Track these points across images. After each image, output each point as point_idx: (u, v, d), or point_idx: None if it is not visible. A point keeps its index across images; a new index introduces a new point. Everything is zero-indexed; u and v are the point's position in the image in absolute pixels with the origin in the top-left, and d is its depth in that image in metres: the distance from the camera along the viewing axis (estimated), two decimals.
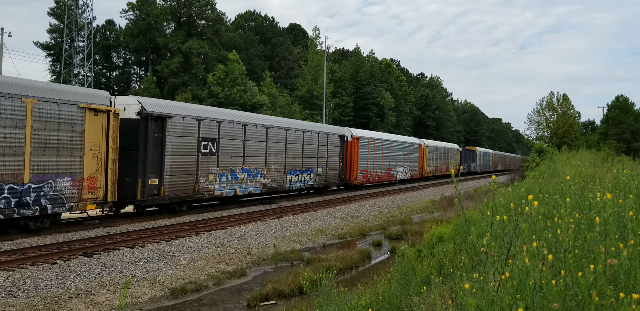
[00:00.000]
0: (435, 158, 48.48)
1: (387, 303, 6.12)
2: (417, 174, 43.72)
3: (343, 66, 64.27)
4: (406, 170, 40.60)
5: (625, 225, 3.71)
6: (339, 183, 29.19)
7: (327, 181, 27.55)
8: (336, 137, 28.59)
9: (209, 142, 18.01)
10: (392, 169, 37.45)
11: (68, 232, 13.47)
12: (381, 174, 35.28)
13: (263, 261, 12.45)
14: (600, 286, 2.62)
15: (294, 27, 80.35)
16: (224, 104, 42.10)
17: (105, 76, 61.17)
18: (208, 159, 17.97)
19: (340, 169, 28.86)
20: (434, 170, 48.27)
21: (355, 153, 30.57)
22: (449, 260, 7.83)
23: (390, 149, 36.70)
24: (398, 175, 38.72)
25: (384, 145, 35.53)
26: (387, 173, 36.49)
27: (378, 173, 34.55)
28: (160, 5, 57.31)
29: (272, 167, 22.04)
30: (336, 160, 28.37)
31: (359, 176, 31.12)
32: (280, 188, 22.74)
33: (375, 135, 35.47)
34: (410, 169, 41.65)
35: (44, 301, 8.28)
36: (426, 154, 45.50)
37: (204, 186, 17.83)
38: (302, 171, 24.73)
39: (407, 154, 40.70)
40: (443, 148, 52.31)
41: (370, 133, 35.24)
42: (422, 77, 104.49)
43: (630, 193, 5.04)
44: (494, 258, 3.24)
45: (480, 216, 8.48)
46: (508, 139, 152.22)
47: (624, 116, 52.49)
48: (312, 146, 25.72)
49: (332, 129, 29.10)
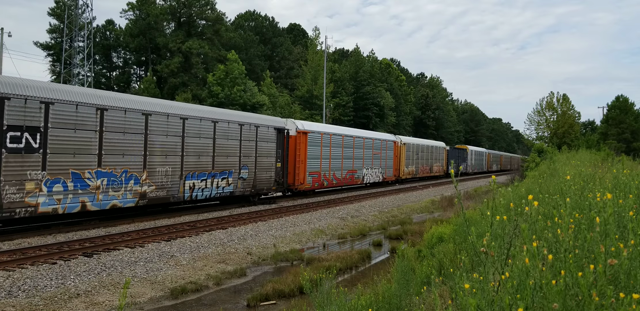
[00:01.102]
0: (415, 157, 42.81)
1: (387, 303, 6.11)
2: (392, 177, 37.94)
3: (343, 65, 64.29)
4: (377, 172, 34.65)
5: (625, 225, 3.71)
6: (278, 188, 22.94)
7: (257, 186, 21.11)
8: (271, 131, 22.04)
9: (26, 132, 12.27)
10: (358, 170, 31.40)
11: (68, 232, 13.47)
12: (341, 177, 29.25)
13: (263, 261, 12.45)
14: (600, 286, 2.62)
15: (294, 27, 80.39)
16: (224, 104, 42.12)
17: (105, 76, 61.18)
18: (22, 158, 12.21)
19: (279, 171, 22.61)
20: (414, 171, 42.63)
21: (302, 151, 24.59)
22: (449, 260, 7.83)
23: (354, 147, 30.78)
24: (365, 178, 32.76)
25: (344, 142, 29.51)
26: (350, 176, 30.44)
27: (336, 175, 28.52)
28: (160, 5, 57.32)
29: (158, 169, 16.07)
30: (271, 160, 22.04)
31: (308, 180, 25.23)
32: (173, 197, 16.70)
33: (332, 129, 29.06)
34: (383, 171, 35.71)
35: (44, 301, 8.28)
36: (403, 153, 39.65)
37: (13, 199, 11.96)
38: (214, 175, 18.55)
39: (378, 153, 34.74)
40: (426, 146, 46.35)
41: (325, 127, 28.79)
42: (422, 77, 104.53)
43: (630, 193, 5.04)
44: (494, 258, 3.24)
45: (480, 216, 8.48)
46: (508, 139, 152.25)
47: (624, 116, 52.49)
48: (232, 141, 19.55)
49: (265, 119, 22.52)
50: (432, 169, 47.62)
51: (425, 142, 48.05)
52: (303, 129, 24.99)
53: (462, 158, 57.62)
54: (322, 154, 26.73)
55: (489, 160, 73.63)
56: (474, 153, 63.36)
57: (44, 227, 13.75)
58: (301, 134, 24.72)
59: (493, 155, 78.57)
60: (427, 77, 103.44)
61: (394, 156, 38.16)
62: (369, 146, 33.26)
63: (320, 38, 62.64)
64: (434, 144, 49.78)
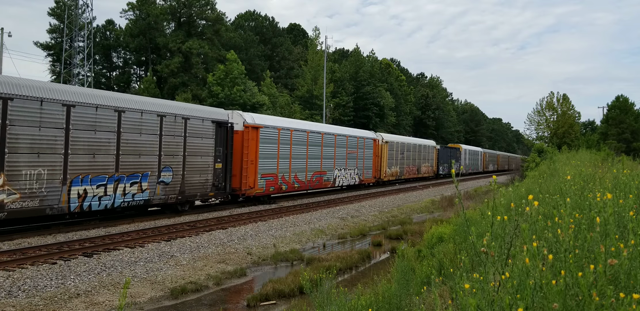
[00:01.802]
0: (400, 157, 38.68)
1: (387, 303, 6.11)
2: (371, 178, 33.87)
3: (343, 65, 64.31)
4: (352, 173, 30.45)
5: (625, 225, 3.71)
6: (217, 194, 18.94)
7: (187, 192, 17.20)
8: (207, 125, 18.15)
9: None
10: (328, 172, 27.26)
11: (68, 232, 13.47)
12: (306, 180, 25.03)
13: (263, 261, 12.45)
14: (600, 286, 2.62)
15: (294, 27, 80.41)
16: (224, 104, 42.14)
17: (105, 76, 61.20)
18: None
19: (219, 173, 18.71)
20: (399, 172, 38.57)
21: (253, 149, 20.49)
22: (449, 260, 7.83)
23: (323, 145, 26.61)
24: (338, 180, 28.64)
25: (311, 139, 25.42)
26: (317, 178, 26.24)
27: (299, 177, 24.37)
28: (160, 5, 57.34)
29: (25, 172, 12.23)
30: (207, 160, 18.18)
31: (260, 184, 21.14)
32: (52, 209, 12.85)
33: (293, 124, 24.81)
34: (359, 172, 31.57)
35: (44, 301, 8.28)
36: (385, 153, 35.63)
37: None
38: (119, 179, 14.74)
39: (354, 151, 30.62)
40: (413, 145, 42.17)
41: (284, 121, 24.54)
42: (422, 77, 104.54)
43: (631, 193, 5.04)
44: (494, 258, 3.24)
45: (480, 216, 8.48)
46: (508, 139, 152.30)
47: (624, 116, 52.51)
48: (147, 136, 15.61)
49: (198, 110, 18.35)
50: (420, 170, 44.03)
51: (412, 140, 44.04)
52: (253, 123, 20.62)
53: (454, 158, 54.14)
54: (281, 153, 22.56)
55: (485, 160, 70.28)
56: (468, 153, 60.06)
57: (44, 227, 13.75)
58: (251, 129, 20.41)
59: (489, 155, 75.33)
60: (427, 77, 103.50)
61: (374, 156, 34.03)
62: (342, 144, 29.16)
63: (320, 38, 62.71)
64: (421, 143, 45.68)
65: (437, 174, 49.22)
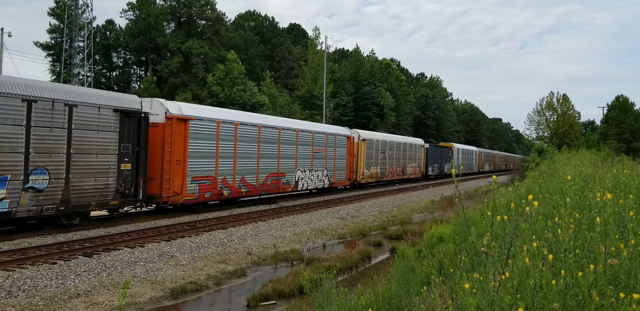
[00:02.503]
0: (381, 156, 34.98)
1: (387, 303, 6.11)
2: (345, 180, 29.95)
3: (343, 65, 64.32)
4: (320, 175, 26.53)
5: (625, 225, 3.71)
6: (124, 202, 15.03)
7: (74, 201, 13.34)
8: (108, 114, 14.40)
9: None
10: (288, 174, 23.40)
11: (68, 232, 13.47)
12: (258, 183, 21.06)
13: (263, 261, 12.45)
14: (600, 286, 2.62)
15: (294, 27, 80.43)
16: (224, 104, 42.14)
17: (105, 76, 61.21)
18: None
19: (125, 176, 14.89)
20: (379, 173, 34.73)
21: (179, 146, 16.73)
22: (449, 260, 7.83)
23: (280, 142, 22.75)
24: (301, 183, 24.67)
25: (264, 135, 21.48)
26: (273, 181, 22.30)
27: (248, 180, 20.44)
28: (160, 5, 57.35)
29: None
30: (107, 159, 14.35)
31: (192, 189, 17.25)
32: None
33: (237, 117, 20.40)
34: (330, 173, 27.65)
35: (44, 301, 8.28)
36: (363, 151, 31.80)
37: None
38: None
39: (322, 150, 26.77)
40: (396, 143, 38.32)
41: (223, 113, 20.16)
42: (422, 77, 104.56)
43: (631, 193, 5.04)
44: (494, 258, 3.24)
45: (480, 216, 8.48)
46: (508, 139, 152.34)
47: (624, 116, 52.54)
48: (7, 127, 11.82)
49: (93, 95, 14.19)
50: (406, 171, 40.32)
51: (395, 138, 39.93)
52: (179, 114, 16.75)
53: (446, 158, 50.81)
54: (221, 151, 18.76)
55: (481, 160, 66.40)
56: (461, 152, 56.48)
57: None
58: (176, 121, 16.56)
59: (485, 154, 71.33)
60: (427, 77, 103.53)
61: (349, 155, 30.16)
62: (307, 142, 25.29)
63: (320, 38, 62.66)
64: (407, 141, 41.88)
65: (426, 175, 45.99)
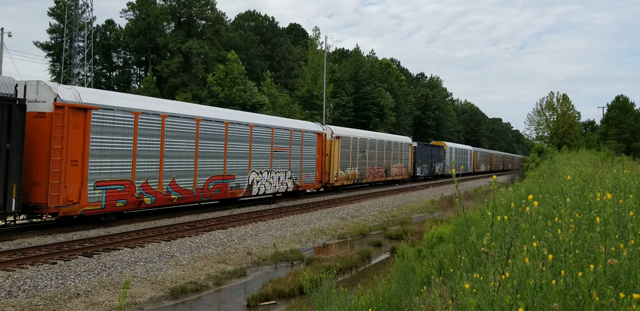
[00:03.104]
0: (360, 156, 31.41)
1: (387, 303, 6.12)
2: (315, 183, 26.17)
3: (343, 65, 64.33)
4: (282, 177, 22.98)
5: (625, 225, 3.71)
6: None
7: None
8: None
9: None
10: (238, 176, 19.73)
11: (68, 232, 13.47)
12: (195, 188, 17.53)
13: (263, 261, 12.45)
14: (600, 286, 2.62)
15: (293, 27, 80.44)
16: (224, 104, 42.14)
17: (105, 76, 61.22)
18: None
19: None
20: (357, 175, 31.09)
21: (77, 143, 13.43)
22: (449, 260, 7.83)
23: (228, 140, 19.14)
24: (256, 187, 20.88)
25: (202, 130, 17.86)
26: (217, 185, 18.61)
27: (181, 184, 16.94)
28: (160, 5, 57.35)
29: None
30: None
31: (95, 196, 13.82)
32: None
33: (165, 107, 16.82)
34: (295, 175, 24.11)
35: (44, 301, 8.28)
36: (337, 150, 28.13)
37: None
38: None
39: (284, 148, 23.15)
40: (378, 142, 34.71)
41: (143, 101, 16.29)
42: (422, 77, 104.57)
43: (631, 193, 5.04)
44: (494, 258, 3.24)
45: (480, 216, 8.48)
46: (508, 139, 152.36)
47: (624, 116, 52.53)
48: None
49: None
50: (390, 172, 36.80)
51: (377, 135, 36.25)
52: (77, 102, 13.38)
53: (436, 158, 47.78)
54: (140, 148, 15.36)
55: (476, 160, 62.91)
56: (454, 151, 53.71)
57: (44, 227, 13.74)
58: (70, 110, 13.15)
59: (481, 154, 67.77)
60: (427, 77, 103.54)
61: (320, 154, 26.49)
62: (264, 139, 21.63)
63: (320, 38, 62.68)
64: (392, 139, 38.04)
65: (414, 176, 42.73)
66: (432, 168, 46.59)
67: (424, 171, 44.71)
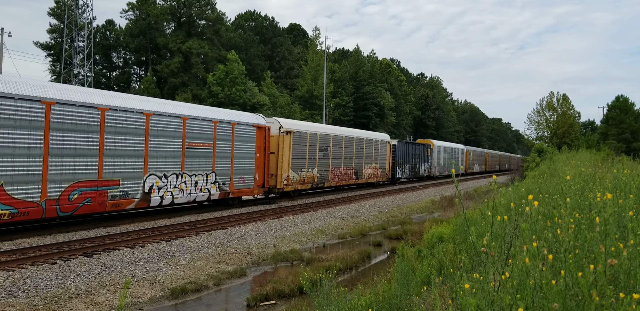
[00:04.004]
0: (321, 155, 26.60)
1: (387, 303, 6.12)
2: (254, 189, 20.90)
3: (343, 65, 64.35)
4: (200, 182, 17.87)
5: (625, 225, 3.71)
6: None
7: None
8: None
9: None
10: (124, 181, 14.98)
11: (68, 232, 13.47)
12: (46, 199, 12.57)
13: (263, 261, 12.45)
14: (600, 286, 2.62)
15: (294, 27, 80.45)
16: (224, 104, 42.15)
17: (105, 76, 61.23)
18: None
19: None
20: (318, 177, 26.18)
21: None
22: (449, 260, 7.83)
23: (104, 132, 14.35)
24: (157, 195, 16.15)
25: (58, 118, 13.03)
26: (86, 194, 13.72)
27: (18, 195, 11.95)
28: (160, 5, 57.38)
29: None
30: None
31: None
32: None
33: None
34: (222, 180, 18.97)
35: (44, 301, 8.28)
36: (288, 148, 23.33)
37: None
38: None
39: (204, 145, 18.06)
40: (346, 138, 29.55)
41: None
42: (422, 77, 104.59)
43: (631, 193, 5.04)
44: (494, 258, 3.24)
45: (480, 216, 8.49)
46: (508, 139, 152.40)
47: (624, 116, 52.55)
48: None
49: None
50: (362, 174, 31.86)
51: (344, 131, 30.66)
52: None
53: (422, 157, 42.98)
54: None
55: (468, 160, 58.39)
56: (442, 150, 49.44)
57: (44, 227, 13.75)
58: None
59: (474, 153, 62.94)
60: (427, 77, 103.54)
61: (260, 153, 21.26)
62: (171, 133, 16.68)
63: (320, 38, 62.71)
64: (363, 136, 32.53)
65: (394, 178, 37.92)
66: (416, 169, 41.93)
67: (406, 172, 39.80)
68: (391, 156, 37.04)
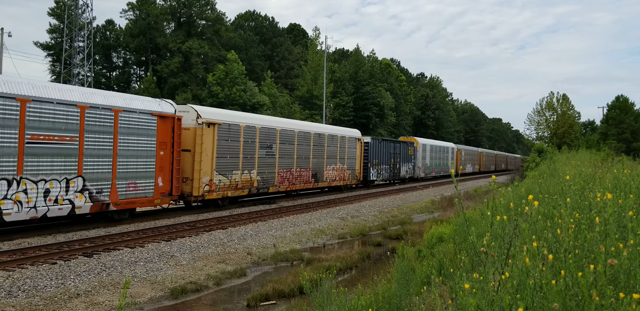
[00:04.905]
0: (264, 153, 21.44)
1: (387, 303, 6.12)
2: (154, 197, 15.78)
3: (343, 66, 64.35)
4: (56, 190, 12.72)
5: (625, 225, 3.71)
6: None
7: None
8: None
9: None
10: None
11: (68, 232, 13.47)
12: None
13: (263, 261, 12.45)
14: (600, 286, 2.62)
15: (293, 27, 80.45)
16: (224, 104, 42.15)
17: (105, 76, 61.23)
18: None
19: None
20: (258, 181, 20.99)
21: None
22: (449, 260, 7.84)
23: None
24: None
25: None
26: None
27: None
28: (160, 5, 57.38)
29: None
30: None
31: None
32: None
33: None
34: (99, 187, 13.93)
35: (44, 301, 8.28)
36: (209, 144, 18.05)
37: None
38: None
39: (64, 140, 12.92)
40: (300, 133, 24.25)
41: None
42: (422, 77, 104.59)
43: (631, 192, 5.04)
44: (494, 258, 3.24)
45: (480, 216, 8.49)
46: (508, 139, 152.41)
47: (624, 116, 52.59)
48: None
49: None
50: (323, 177, 26.76)
51: (295, 124, 25.34)
52: None
53: (403, 157, 37.93)
54: None
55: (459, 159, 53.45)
56: (428, 149, 44.16)
57: (44, 227, 13.75)
58: None
59: (467, 152, 57.62)
60: (427, 77, 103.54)
61: (165, 151, 16.30)
62: (1, 121, 11.59)
63: (320, 38, 62.73)
64: (324, 131, 27.20)
65: (366, 181, 32.81)
66: (396, 170, 36.59)
67: (382, 173, 34.57)
68: (362, 155, 31.80)
